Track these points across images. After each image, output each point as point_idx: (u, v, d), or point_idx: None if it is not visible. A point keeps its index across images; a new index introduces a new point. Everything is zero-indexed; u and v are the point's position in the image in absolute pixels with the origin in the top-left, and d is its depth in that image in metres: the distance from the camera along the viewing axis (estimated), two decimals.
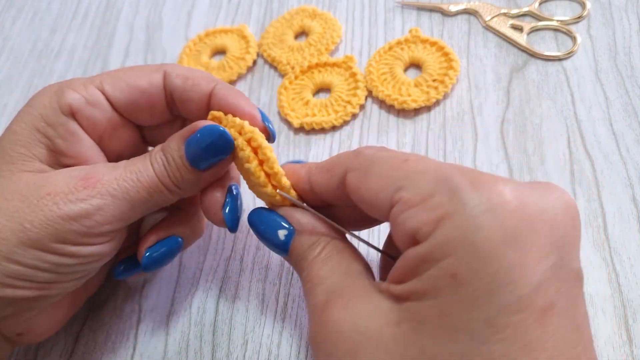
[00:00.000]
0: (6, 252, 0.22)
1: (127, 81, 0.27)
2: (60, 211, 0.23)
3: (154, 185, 0.25)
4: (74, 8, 0.51)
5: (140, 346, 0.30)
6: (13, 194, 0.23)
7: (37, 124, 0.25)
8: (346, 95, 0.38)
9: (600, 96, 0.35)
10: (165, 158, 0.25)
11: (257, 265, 0.32)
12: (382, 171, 0.21)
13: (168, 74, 0.27)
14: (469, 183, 0.18)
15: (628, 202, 0.30)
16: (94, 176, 0.24)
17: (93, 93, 0.26)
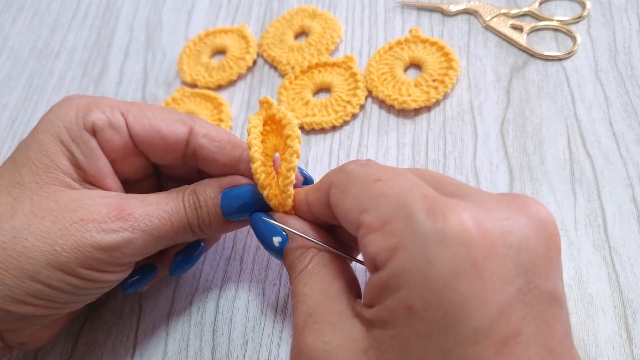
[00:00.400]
0: (32, 272, 0.23)
1: (152, 121, 0.27)
2: (92, 240, 0.23)
3: (183, 227, 0.26)
4: (73, 8, 0.51)
5: (140, 346, 0.30)
6: (44, 213, 0.23)
7: (63, 137, 0.25)
8: (346, 95, 0.38)
9: (600, 96, 0.35)
10: (198, 201, 0.26)
11: (257, 266, 0.32)
12: (354, 191, 0.21)
13: (195, 132, 0.27)
14: (426, 211, 0.18)
15: (628, 202, 0.30)
16: (127, 208, 0.25)
17: (117, 117, 0.26)
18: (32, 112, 0.44)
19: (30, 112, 0.44)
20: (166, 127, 0.27)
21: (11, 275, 0.22)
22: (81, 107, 0.26)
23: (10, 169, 0.25)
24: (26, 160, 0.25)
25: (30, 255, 0.23)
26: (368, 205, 0.20)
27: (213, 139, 0.27)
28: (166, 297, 0.31)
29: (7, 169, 0.25)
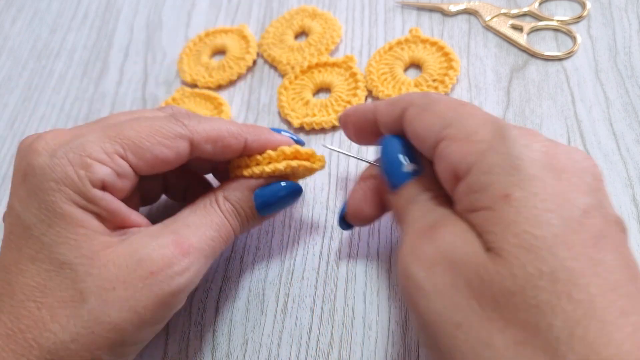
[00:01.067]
0: (124, 340, 0.23)
1: (153, 153, 0.25)
2: (171, 287, 0.23)
3: (230, 236, 0.27)
4: (73, 8, 0.51)
5: None
6: (111, 282, 0.23)
7: (79, 201, 0.23)
8: (346, 95, 0.38)
9: (600, 96, 0.35)
10: (234, 208, 0.27)
11: (257, 265, 0.32)
12: (438, 109, 0.22)
13: (196, 142, 0.26)
14: (514, 127, 0.19)
15: (628, 202, 0.30)
16: (185, 241, 0.24)
17: (120, 164, 0.24)
18: (32, 112, 0.44)
19: (31, 112, 0.44)
20: (169, 151, 0.25)
21: (106, 352, 0.23)
22: (75, 162, 0.23)
23: (43, 250, 0.23)
24: (58, 237, 0.23)
25: (118, 328, 0.22)
26: (452, 121, 0.21)
27: (215, 140, 0.26)
28: None
29: (38, 251, 0.23)
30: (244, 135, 0.27)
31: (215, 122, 0.27)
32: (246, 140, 0.27)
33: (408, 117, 0.23)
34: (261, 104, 0.40)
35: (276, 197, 0.28)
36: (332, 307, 0.29)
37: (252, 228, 0.29)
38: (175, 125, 0.26)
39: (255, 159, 0.28)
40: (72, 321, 0.22)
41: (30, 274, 0.23)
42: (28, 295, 0.22)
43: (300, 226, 0.33)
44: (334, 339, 0.28)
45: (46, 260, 0.23)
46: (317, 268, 0.31)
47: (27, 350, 0.22)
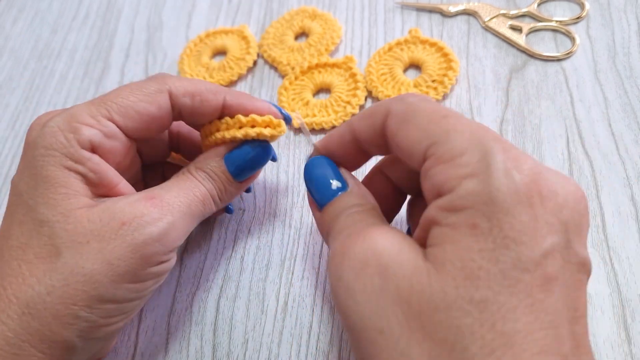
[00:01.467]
0: (100, 295, 0.23)
1: (136, 109, 0.26)
2: (143, 236, 0.24)
3: (207, 198, 0.27)
4: (74, 8, 0.51)
5: (141, 345, 0.30)
6: (86, 237, 0.23)
7: (65, 163, 0.24)
8: (346, 96, 0.38)
9: (599, 96, 0.35)
10: (207, 175, 0.27)
11: (257, 265, 0.32)
12: (420, 122, 0.22)
13: (174, 94, 0.27)
14: (501, 150, 0.19)
15: (627, 202, 0.30)
16: (156, 196, 0.25)
17: (107, 125, 0.25)
18: (34, 112, 0.44)
19: (32, 112, 0.44)
20: (151, 106, 0.26)
21: (83, 307, 0.23)
22: (63, 128, 0.25)
23: (28, 212, 0.24)
24: (40, 198, 0.24)
25: (92, 280, 0.23)
26: (438, 139, 0.20)
27: (193, 94, 0.27)
28: (167, 296, 0.31)
29: (23, 214, 0.24)
30: (222, 93, 0.28)
31: (195, 80, 0.28)
32: (225, 98, 0.28)
33: (390, 130, 0.23)
34: None
35: (245, 160, 0.28)
36: (332, 306, 0.29)
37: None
38: (154, 81, 0.27)
39: (220, 123, 0.28)
40: (48, 274, 0.23)
41: (15, 236, 0.24)
42: (12, 254, 0.23)
43: (300, 226, 0.33)
44: (334, 338, 0.28)
45: (29, 221, 0.24)
46: (317, 268, 0.31)
47: (7, 306, 0.22)
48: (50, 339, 0.22)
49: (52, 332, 0.22)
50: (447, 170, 0.20)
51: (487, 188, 0.18)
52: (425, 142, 0.21)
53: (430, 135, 0.21)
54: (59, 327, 0.22)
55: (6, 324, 0.22)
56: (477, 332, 0.17)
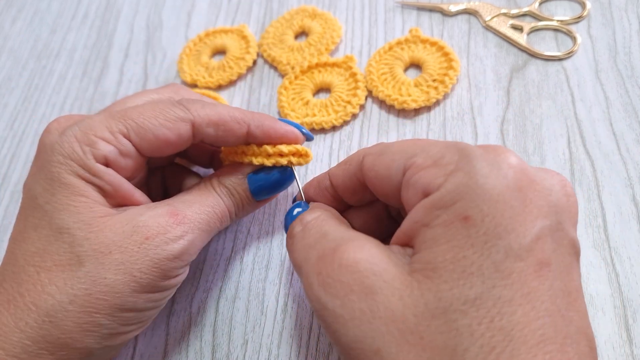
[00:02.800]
0: (121, 304, 0.23)
1: (155, 133, 0.26)
2: (165, 252, 0.24)
3: (225, 215, 0.28)
4: (74, 8, 0.51)
5: (140, 346, 0.30)
6: (108, 247, 0.23)
7: (82, 174, 0.24)
8: (346, 95, 0.38)
9: (600, 96, 0.35)
10: (228, 191, 0.28)
11: (257, 265, 0.32)
12: (396, 149, 0.23)
13: (197, 124, 0.26)
14: (479, 147, 0.20)
15: (628, 202, 0.30)
16: (179, 212, 0.25)
17: (124, 143, 0.25)
18: (33, 112, 0.44)
19: (31, 112, 0.44)
20: (170, 133, 0.26)
21: (105, 315, 0.23)
22: (81, 139, 0.25)
23: (45, 217, 0.24)
24: (59, 205, 0.24)
25: (115, 290, 0.23)
26: (416, 152, 0.21)
27: (217, 124, 0.27)
28: None
29: (40, 218, 0.24)
30: (247, 122, 0.28)
31: (219, 107, 0.27)
32: (249, 127, 0.28)
33: (367, 165, 0.24)
34: (261, 104, 0.40)
35: (269, 182, 0.29)
36: None
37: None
38: (178, 108, 0.26)
39: (246, 149, 0.28)
40: (69, 283, 0.23)
41: (31, 240, 0.24)
42: (28, 260, 0.23)
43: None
44: None
45: (47, 227, 0.24)
46: None
47: (26, 314, 0.22)
48: (70, 346, 0.22)
49: (72, 339, 0.22)
50: (430, 172, 0.20)
51: (474, 178, 0.19)
52: (403, 158, 0.21)
53: (407, 152, 0.22)
54: (80, 334, 0.23)
55: (24, 332, 0.22)
56: (476, 332, 0.17)
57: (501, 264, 0.18)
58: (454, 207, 0.19)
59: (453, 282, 0.18)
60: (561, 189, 0.20)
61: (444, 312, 0.18)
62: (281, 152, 0.28)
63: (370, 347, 0.18)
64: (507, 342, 0.17)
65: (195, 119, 0.26)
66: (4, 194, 0.39)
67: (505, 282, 0.17)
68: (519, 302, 0.17)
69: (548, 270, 0.18)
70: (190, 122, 0.26)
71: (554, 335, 0.17)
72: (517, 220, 0.18)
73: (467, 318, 0.17)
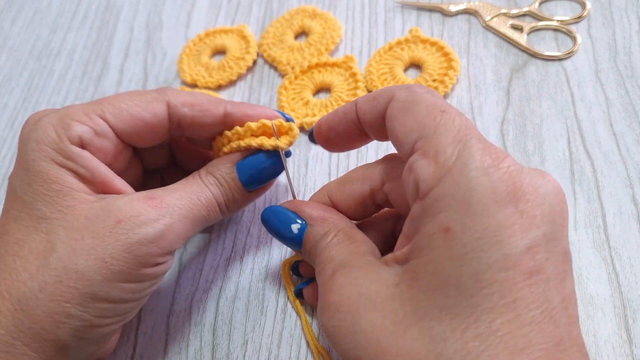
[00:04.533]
0: (93, 293, 0.22)
1: (130, 112, 0.26)
2: (137, 236, 0.23)
3: (212, 204, 0.27)
4: (73, 8, 0.51)
5: (140, 346, 0.30)
6: (81, 233, 0.23)
7: (56, 159, 0.24)
8: (346, 95, 0.38)
9: (600, 96, 0.35)
10: (217, 180, 0.27)
11: (257, 265, 0.32)
12: (418, 113, 0.22)
13: (172, 104, 0.27)
14: (481, 150, 0.19)
15: (628, 202, 0.30)
16: (156, 196, 0.25)
17: (99, 123, 0.25)
18: (33, 112, 0.44)
19: (31, 112, 0.44)
20: (146, 112, 0.26)
21: (76, 304, 0.22)
22: (55, 124, 0.24)
23: (24, 208, 0.24)
24: (35, 194, 0.24)
25: (85, 278, 0.22)
26: (428, 133, 0.21)
27: (192, 104, 0.27)
28: (166, 297, 0.31)
29: (20, 210, 0.24)
30: (223, 104, 0.28)
31: (196, 93, 0.28)
32: (225, 107, 0.28)
33: (390, 114, 0.23)
34: (261, 104, 0.40)
35: (257, 168, 0.28)
36: None
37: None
38: (154, 91, 0.27)
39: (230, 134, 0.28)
40: (41, 270, 0.22)
41: (12, 231, 0.24)
42: (8, 250, 0.23)
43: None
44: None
45: (26, 218, 0.24)
46: None
47: (0, 302, 0.22)
48: (42, 337, 0.22)
49: (44, 330, 0.22)
50: (428, 167, 0.20)
51: (462, 189, 0.19)
52: (416, 134, 0.21)
53: (422, 128, 0.21)
54: (51, 325, 0.22)
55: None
56: (450, 338, 0.18)
57: (482, 274, 0.18)
58: (439, 217, 0.19)
59: (430, 292, 0.19)
60: (555, 196, 0.20)
61: (421, 320, 0.18)
62: (264, 125, 0.27)
63: (353, 357, 0.20)
64: (484, 348, 0.17)
65: (170, 98, 0.27)
66: (4, 194, 0.39)
67: (486, 291, 0.18)
68: (500, 310, 0.17)
69: (539, 278, 0.18)
70: (165, 101, 0.27)
71: (542, 341, 0.17)
72: (503, 232, 0.18)
73: (442, 325, 0.18)
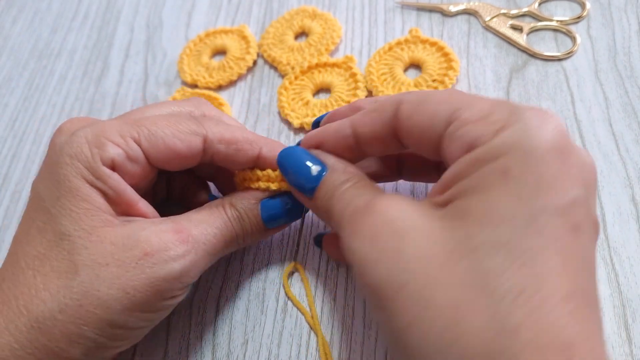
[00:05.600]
0: (111, 320, 0.23)
1: (166, 142, 0.25)
2: (163, 272, 0.23)
3: (232, 239, 0.27)
4: (74, 8, 0.51)
5: (140, 346, 0.30)
6: (106, 259, 0.23)
7: (87, 177, 0.24)
8: (346, 96, 0.38)
9: (599, 96, 0.35)
10: (239, 214, 0.27)
11: (257, 265, 0.32)
12: (439, 99, 0.22)
13: (209, 140, 0.26)
14: (529, 108, 0.20)
15: (627, 202, 0.30)
16: (184, 230, 0.25)
17: (133, 148, 0.25)
18: (33, 112, 0.44)
19: (31, 112, 0.44)
20: (181, 144, 0.26)
21: (93, 329, 0.22)
22: (91, 141, 0.24)
23: (49, 222, 0.24)
24: (63, 209, 0.24)
25: (106, 305, 0.22)
26: (462, 105, 0.21)
27: (229, 142, 0.27)
28: None
29: (45, 222, 0.24)
30: (259, 144, 0.28)
31: (233, 128, 0.27)
32: (261, 149, 0.28)
33: (404, 114, 0.22)
34: (261, 104, 0.40)
35: (282, 209, 0.28)
36: (332, 307, 0.29)
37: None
38: (192, 122, 0.26)
39: (261, 174, 0.28)
40: (62, 291, 0.22)
41: (34, 243, 0.24)
42: (28, 263, 0.23)
43: (300, 226, 0.33)
44: (334, 338, 0.28)
45: (50, 231, 0.24)
46: (317, 268, 0.31)
47: (17, 317, 0.22)
48: (56, 355, 0.22)
49: (59, 348, 0.22)
50: (478, 128, 0.20)
51: (522, 137, 0.19)
52: (448, 111, 0.21)
53: (453, 104, 0.21)
54: (66, 344, 0.22)
55: (14, 336, 0.22)
56: (507, 272, 0.17)
57: (537, 216, 0.18)
58: (497, 161, 0.19)
59: (484, 226, 0.18)
60: (591, 166, 0.20)
61: (473, 251, 0.18)
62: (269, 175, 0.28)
63: (396, 283, 0.19)
64: (536, 290, 0.17)
65: (208, 133, 0.26)
66: (5, 194, 0.39)
67: (540, 233, 0.18)
68: (551, 253, 0.17)
69: (580, 233, 0.18)
70: (202, 136, 0.26)
71: (580, 293, 0.17)
72: (557, 181, 0.18)
73: (498, 259, 0.17)
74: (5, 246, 0.36)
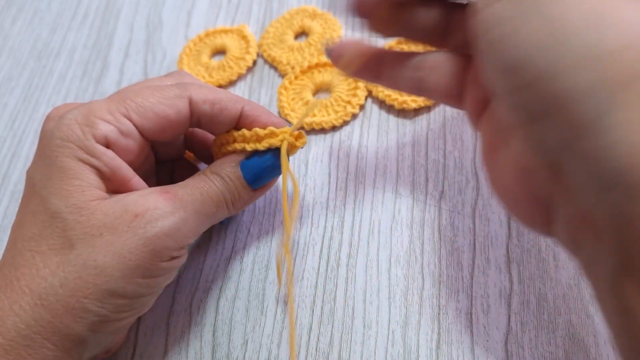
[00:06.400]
0: (112, 289, 0.23)
1: (155, 110, 0.26)
2: (155, 229, 0.24)
3: (220, 201, 0.27)
4: (73, 8, 0.51)
5: (140, 346, 0.30)
6: (99, 229, 0.23)
7: (80, 155, 0.24)
8: (346, 96, 0.38)
9: None
10: (222, 179, 0.27)
11: (257, 265, 0.32)
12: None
13: (194, 101, 0.27)
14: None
15: None
16: (170, 190, 0.25)
17: (124, 123, 0.26)
18: (32, 111, 0.44)
19: (31, 112, 0.44)
20: (170, 109, 0.27)
21: (93, 301, 0.23)
22: (81, 121, 0.25)
23: (41, 203, 0.24)
24: (53, 189, 0.24)
25: (104, 274, 0.23)
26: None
27: (213, 101, 0.27)
28: (166, 296, 0.31)
29: (37, 204, 0.24)
30: (242, 103, 0.28)
31: (215, 89, 0.28)
32: (243, 107, 0.28)
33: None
34: (261, 104, 0.40)
35: (262, 167, 0.28)
36: (332, 307, 0.29)
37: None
38: (177, 87, 0.27)
39: (237, 135, 0.28)
40: (61, 266, 0.23)
41: (28, 225, 0.24)
42: (25, 245, 0.24)
43: (300, 226, 0.33)
44: (334, 339, 0.28)
45: (42, 212, 0.24)
46: (317, 268, 0.31)
47: (20, 297, 0.22)
48: (61, 332, 0.22)
49: (63, 324, 0.22)
50: None
51: None
52: None
53: None
54: (70, 320, 0.22)
55: (19, 316, 0.22)
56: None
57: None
58: None
59: None
60: None
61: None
62: (272, 133, 0.28)
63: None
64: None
65: (192, 95, 0.27)
66: (4, 194, 0.39)
67: None
68: None
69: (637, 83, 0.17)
70: (187, 98, 0.27)
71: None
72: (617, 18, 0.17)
73: None
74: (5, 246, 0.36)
